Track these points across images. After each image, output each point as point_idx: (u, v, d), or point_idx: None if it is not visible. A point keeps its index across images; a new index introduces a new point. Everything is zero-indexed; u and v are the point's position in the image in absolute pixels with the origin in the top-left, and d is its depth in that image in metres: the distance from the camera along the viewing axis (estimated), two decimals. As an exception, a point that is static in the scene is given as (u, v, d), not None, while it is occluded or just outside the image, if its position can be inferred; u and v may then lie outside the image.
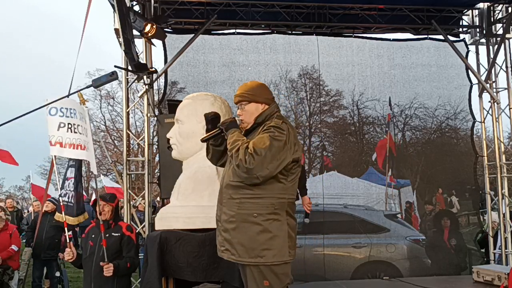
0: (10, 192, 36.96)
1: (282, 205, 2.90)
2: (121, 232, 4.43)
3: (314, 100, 11.16)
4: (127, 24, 5.04)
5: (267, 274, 2.85)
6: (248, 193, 2.86)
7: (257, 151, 2.74)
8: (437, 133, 9.96)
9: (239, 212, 2.88)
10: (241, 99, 3.05)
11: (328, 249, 7.38)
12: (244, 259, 2.87)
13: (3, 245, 7.08)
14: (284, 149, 2.81)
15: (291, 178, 2.93)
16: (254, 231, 2.84)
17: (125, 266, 4.30)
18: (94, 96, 27.39)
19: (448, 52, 7.52)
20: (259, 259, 2.82)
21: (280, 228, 2.87)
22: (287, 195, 2.93)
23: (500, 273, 5.71)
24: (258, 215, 2.84)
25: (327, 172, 10.23)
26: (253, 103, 3.02)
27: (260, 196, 2.85)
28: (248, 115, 3.04)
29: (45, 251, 7.85)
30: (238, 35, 7.34)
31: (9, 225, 7.50)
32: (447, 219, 8.04)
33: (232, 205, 2.92)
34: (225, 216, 2.97)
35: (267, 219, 2.84)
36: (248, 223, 2.85)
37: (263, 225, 2.83)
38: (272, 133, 2.82)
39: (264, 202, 2.85)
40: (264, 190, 2.84)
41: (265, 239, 2.82)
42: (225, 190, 2.99)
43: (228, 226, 2.93)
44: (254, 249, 2.83)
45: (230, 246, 2.92)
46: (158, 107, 6.96)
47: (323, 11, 7.02)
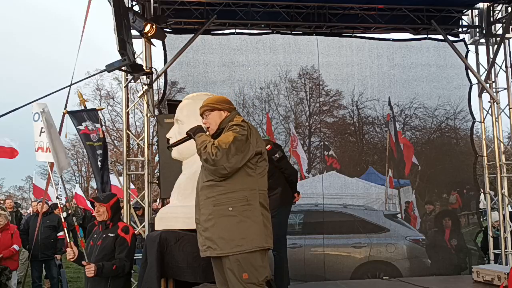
0: (10, 192, 36.92)
1: (254, 196, 3.11)
2: (116, 233, 4.36)
3: (314, 100, 11.17)
4: (124, 24, 5.02)
5: (246, 266, 3.01)
6: (221, 190, 3.08)
7: (222, 144, 3.01)
8: (436, 133, 9.97)
9: (215, 209, 3.07)
10: (205, 109, 3.35)
11: (328, 249, 7.38)
12: (225, 251, 3.03)
13: (5, 245, 7.09)
14: (247, 142, 3.09)
15: (259, 171, 3.18)
16: (231, 223, 3.04)
17: (110, 268, 4.17)
18: (94, 96, 27.42)
19: (448, 52, 7.53)
20: (239, 248, 3.01)
21: (255, 217, 3.09)
22: (258, 186, 3.16)
23: (500, 273, 5.72)
24: (233, 208, 3.05)
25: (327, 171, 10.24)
26: (216, 111, 3.32)
27: (233, 190, 3.07)
28: (213, 122, 3.31)
29: (42, 252, 7.87)
30: (238, 35, 7.34)
31: (10, 225, 7.51)
32: (448, 219, 8.04)
33: (208, 204, 3.11)
34: (203, 216, 3.14)
35: (243, 210, 3.06)
36: (225, 217, 3.05)
37: (239, 216, 3.04)
38: (234, 129, 3.11)
39: (237, 195, 3.07)
40: (236, 184, 3.08)
41: (243, 229, 3.03)
42: (201, 192, 3.19)
43: (207, 225, 3.11)
44: (234, 239, 3.02)
45: (211, 242, 3.08)
46: (158, 107, 6.97)
47: (323, 11, 7.02)
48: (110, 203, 4.46)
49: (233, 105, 3.44)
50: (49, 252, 8.04)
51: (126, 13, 5.26)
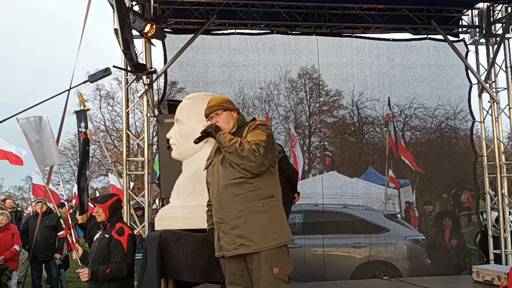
0: (10, 192, 36.92)
1: (278, 193, 3.26)
2: (110, 235, 4.28)
3: (314, 100, 11.17)
4: (126, 24, 5.03)
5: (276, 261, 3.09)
6: (250, 187, 3.14)
7: (260, 142, 3.11)
8: (436, 133, 9.98)
9: (246, 206, 3.12)
10: (217, 108, 3.40)
11: (328, 249, 7.38)
12: (262, 246, 3.07)
13: (6, 245, 7.11)
14: (274, 141, 3.29)
15: (276, 168, 3.34)
16: (264, 218, 3.12)
17: (104, 272, 4.11)
18: (94, 96, 27.38)
19: (448, 52, 7.53)
20: (275, 242, 3.09)
21: (281, 213, 3.24)
22: (279, 183, 3.32)
23: (499, 273, 5.71)
24: (263, 204, 3.13)
25: (327, 171, 10.24)
26: (228, 111, 3.39)
27: (261, 187, 3.16)
28: (225, 121, 3.37)
29: (42, 252, 7.87)
30: (238, 35, 7.34)
31: (10, 225, 7.52)
32: (448, 219, 8.04)
33: (237, 202, 3.14)
34: (231, 214, 3.15)
35: (272, 206, 3.17)
36: (257, 213, 3.11)
37: (270, 211, 3.14)
38: (262, 128, 3.23)
39: (265, 192, 3.16)
40: (264, 181, 3.18)
41: (275, 224, 3.14)
42: (224, 191, 3.19)
43: (237, 222, 3.12)
44: (269, 234, 3.09)
45: (245, 239, 3.09)
46: (157, 107, 6.96)
47: (323, 11, 7.02)
48: (107, 204, 4.40)
49: None
50: (48, 252, 8.03)
51: (127, 13, 5.27)
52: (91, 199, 4.76)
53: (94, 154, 27.24)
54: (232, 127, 3.36)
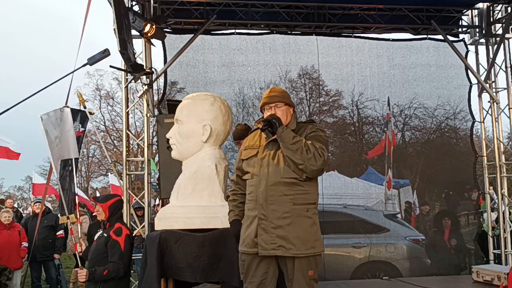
0: (9, 192, 36.91)
1: (317, 200, 3.27)
2: (108, 234, 4.31)
3: (314, 100, 11.16)
4: (124, 24, 5.02)
5: (314, 265, 3.13)
6: (300, 189, 3.13)
7: (323, 148, 3.16)
8: (436, 133, 9.97)
9: (294, 208, 3.10)
10: (279, 99, 3.31)
11: (328, 249, 7.36)
12: (301, 252, 3.07)
13: (14, 242, 7.20)
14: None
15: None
16: (307, 224, 3.12)
17: (102, 273, 4.12)
18: (94, 96, 27.41)
19: (448, 52, 7.52)
20: (312, 250, 3.10)
21: (318, 220, 3.23)
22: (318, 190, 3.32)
23: (499, 273, 5.71)
24: (308, 209, 3.14)
25: (327, 172, 10.24)
26: (288, 106, 3.33)
27: (309, 191, 3.17)
28: (283, 115, 3.28)
29: (41, 252, 7.88)
30: (238, 35, 7.33)
31: (15, 223, 7.60)
32: (448, 219, 8.04)
33: (285, 202, 3.10)
34: (275, 213, 3.10)
35: (314, 212, 3.19)
36: (303, 218, 3.11)
37: (313, 218, 3.16)
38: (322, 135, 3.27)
39: (311, 197, 3.19)
40: (312, 186, 3.20)
41: (315, 231, 3.15)
42: (273, 187, 3.12)
43: (281, 223, 3.08)
44: (309, 241, 3.09)
45: (286, 241, 3.06)
46: (157, 107, 6.96)
47: (323, 11, 7.01)
48: (107, 203, 4.43)
49: None
50: (47, 252, 8.05)
51: (126, 13, 5.26)
52: (93, 197, 4.77)
53: (94, 154, 27.30)
54: (287, 123, 3.27)
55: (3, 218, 7.22)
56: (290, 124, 3.28)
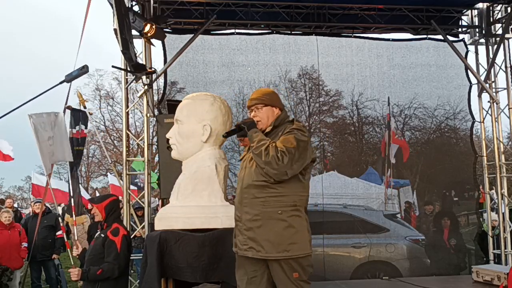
0: (9, 193, 36.91)
1: (302, 202, 3.13)
2: (105, 234, 4.30)
3: (314, 100, 11.17)
4: (125, 24, 5.03)
5: (296, 267, 3.04)
6: (272, 192, 3.05)
7: (288, 149, 2.97)
8: (436, 133, 9.98)
9: (264, 210, 3.05)
10: (258, 102, 3.25)
11: (328, 249, 7.38)
12: (271, 255, 3.02)
13: (15, 242, 7.21)
14: (306, 149, 3.07)
15: (307, 177, 3.18)
16: (280, 227, 3.02)
17: (95, 273, 4.13)
18: (94, 97, 27.41)
19: (448, 52, 7.52)
20: (286, 253, 3.00)
21: (301, 223, 3.09)
22: (305, 192, 3.17)
23: (499, 273, 5.71)
24: (282, 212, 3.03)
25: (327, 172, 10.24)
26: (269, 106, 3.24)
27: (284, 194, 3.05)
28: (264, 117, 3.23)
29: (40, 252, 7.89)
30: (238, 35, 7.33)
31: (15, 223, 7.61)
32: (447, 219, 8.04)
33: (256, 204, 3.08)
34: (247, 215, 3.10)
35: (291, 215, 3.04)
36: (274, 220, 3.03)
37: (288, 221, 3.03)
38: (296, 134, 3.06)
39: (287, 200, 3.05)
40: (287, 188, 3.06)
41: (291, 234, 3.02)
42: (246, 190, 3.14)
43: (251, 225, 3.08)
44: (281, 244, 3.00)
45: (255, 243, 3.05)
46: (157, 107, 6.96)
47: (323, 11, 7.02)
48: (103, 204, 4.42)
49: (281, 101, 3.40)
50: (47, 252, 8.05)
51: (127, 13, 5.27)
52: (89, 199, 4.78)
53: (94, 154, 27.30)
54: (270, 125, 3.23)
55: (3, 218, 7.23)
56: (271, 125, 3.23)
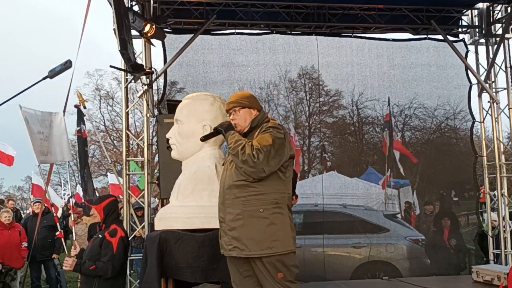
0: (9, 193, 36.89)
1: (284, 199, 3.14)
2: (103, 235, 4.29)
3: (314, 100, 11.18)
4: (124, 24, 5.01)
5: (280, 267, 3.05)
6: (252, 191, 3.07)
7: (263, 147, 3.01)
8: (436, 133, 9.98)
9: (245, 210, 3.07)
10: (235, 105, 3.31)
11: (328, 249, 7.38)
12: (255, 252, 3.03)
13: (15, 242, 7.22)
14: (283, 146, 3.09)
15: (288, 174, 3.18)
16: (262, 225, 3.04)
17: (88, 267, 4.14)
18: (94, 96, 27.38)
19: (448, 52, 7.52)
20: (269, 250, 3.01)
21: (284, 220, 3.10)
22: (287, 190, 3.19)
23: (499, 273, 5.71)
24: (264, 210, 3.04)
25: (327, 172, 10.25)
26: (246, 108, 3.29)
27: (264, 192, 3.07)
28: (242, 119, 3.29)
29: (40, 252, 7.89)
30: (238, 35, 7.32)
31: (15, 223, 7.61)
32: (447, 219, 8.03)
33: (237, 204, 3.10)
34: (230, 215, 3.12)
35: (273, 213, 3.06)
36: (255, 218, 3.04)
37: (270, 218, 3.05)
38: (272, 132, 3.09)
39: (268, 198, 3.07)
40: (268, 186, 3.08)
41: (273, 231, 3.04)
42: (228, 191, 3.17)
43: (234, 225, 3.09)
44: (264, 242, 3.02)
45: (239, 242, 3.07)
46: (157, 107, 6.96)
47: (323, 11, 7.01)
48: (101, 205, 4.39)
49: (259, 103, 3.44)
50: (47, 252, 8.05)
51: (126, 13, 5.26)
52: (87, 200, 4.77)
53: (94, 154, 27.27)
54: (247, 126, 3.28)
55: (3, 218, 7.24)
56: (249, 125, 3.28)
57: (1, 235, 7.14)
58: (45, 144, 4.97)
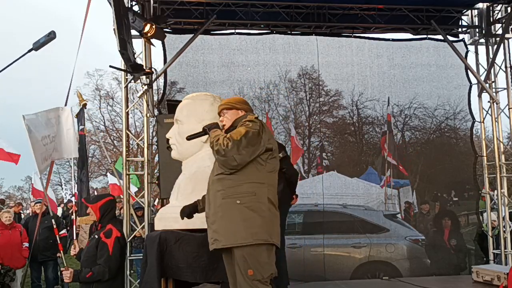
0: (9, 193, 36.88)
1: (263, 191, 3.13)
2: (99, 236, 4.28)
3: (314, 100, 11.19)
4: (124, 24, 5.01)
5: (251, 262, 3.02)
6: (230, 183, 3.13)
7: (234, 136, 3.10)
8: (436, 133, 9.99)
9: (223, 201, 3.12)
10: (223, 107, 3.46)
11: (328, 249, 7.38)
12: (229, 243, 3.06)
13: (16, 242, 7.22)
14: (258, 137, 3.13)
15: (269, 168, 3.21)
16: (238, 215, 3.07)
17: (85, 276, 4.13)
18: (94, 96, 27.39)
19: (448, 52, 7.52)
20: (243, 240, 3.03)
21: (261, 211, 3.09)
22: (266, 182, 3.17)
23: (499, 273, 5.71)
24: (240, 201, 3.08)
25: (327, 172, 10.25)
26: (234, 109, 3.41)
27: (241, 183, 3.11)
28: (229, 120, 3.41)
29: (41, 253, 7.88)
30: (238, 35, 7.32)
31: (16, 223, 7.62)
32: (448, 219, 8.02)
33: (218, 197, 3.16)
34: (212, 209, 3.20)
35: (249, 204, 3.07)
36: (232, 210, 3.08)
37: (246, 209, 3.06)
38: (247, 125, 3.18)
39: (245, 189, 3.10)
40: (244, 177, 3.12)
41: (248, 222, 3.05)
42: (211, 187, 3.26)
43: (215, 218, 3.16)
44: (239, 231, 3.04)
45: (218, 235, 3.12)
46: (157, 107, 6.96)
47: (323, 11, 7.01)
48: (97, 204, 4.38)
49: (251, 108, 3.54)
50: (48, 253, 8.04)
51: (126, 13, 5.26)
52: (84, 198, 4.75)
53: (94, 154, 27.27)
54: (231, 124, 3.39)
55: (4, 219, 7.24)
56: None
57: (1, 235, 7.15)
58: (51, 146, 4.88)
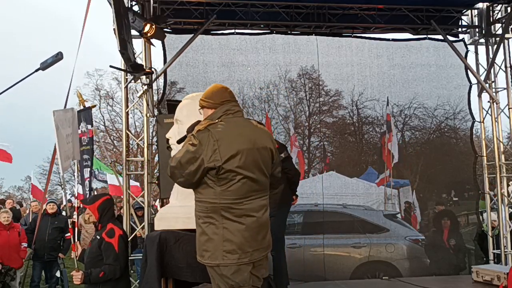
0: (9, 193, 36.82)
1: (215, 209, 2.96)
2: (101, 236, 4.26)
3: (314, 100, 11.19)
4: (124, 24, 5.01)
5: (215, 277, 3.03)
6: (197, 197, 3.09)
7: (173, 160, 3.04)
8: (436, 133, 9.99)
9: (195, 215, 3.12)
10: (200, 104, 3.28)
11: (328, 249, 7.38)
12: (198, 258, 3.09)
13: (14, 243, 7.22)
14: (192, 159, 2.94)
15: (222, 183, 2.95)
16: (198, 232, 3.08)
17: (97, 275, 4.11)
18: (94, 97, 27.37)
19: (448, 52, 7.52)
20: (201, 259, 3.05)
21: (214, 231, 2.96)
22: (219, 199, 2.95)
23: (499, 273, 5.72)
24: (199, 218, 3.05)
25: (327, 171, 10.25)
26: (205, 108, 3.21)
27: (199, 199, 3.06)
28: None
29: (48, 253, 7.92)
30: (237, 35, 7.33)
31: (14, 223, 7.61)
32: (447, 219, 8.03)
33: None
34: None
35: (204, 221, 3.01)
36: (197, 226, 3.09)
37: (202, 227, 3.02)
38: (188, 142, 3.03)
39: (201, 206, 3.03)
40: (201, 194, 3.04)
41: (204, 241, 3.01)
42: None
43: None
44: (199, 249, 3.05)
45: None
46: (157, 107, 6.96)
47: (322, 11, 7.01)
48: (95, 205, 4.36)
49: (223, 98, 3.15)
50: (55, 253, 8.10)
51: (126, 13, 5.26)
52: (81, 200, 4.73)
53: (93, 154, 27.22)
54: None
55: (2, 219, 7.23)
56: None
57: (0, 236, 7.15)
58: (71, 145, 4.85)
